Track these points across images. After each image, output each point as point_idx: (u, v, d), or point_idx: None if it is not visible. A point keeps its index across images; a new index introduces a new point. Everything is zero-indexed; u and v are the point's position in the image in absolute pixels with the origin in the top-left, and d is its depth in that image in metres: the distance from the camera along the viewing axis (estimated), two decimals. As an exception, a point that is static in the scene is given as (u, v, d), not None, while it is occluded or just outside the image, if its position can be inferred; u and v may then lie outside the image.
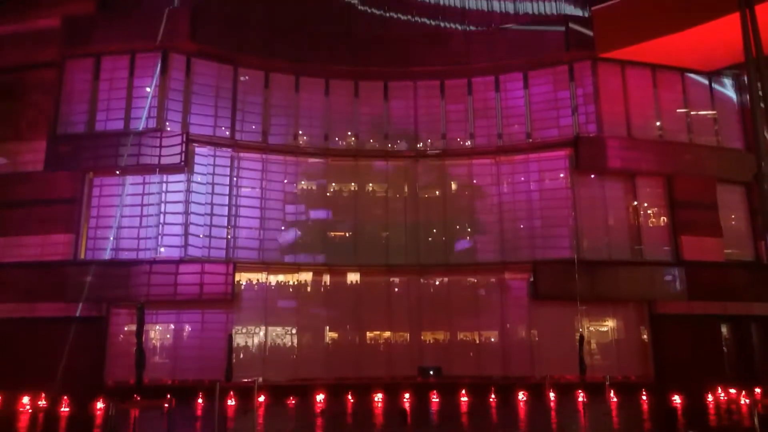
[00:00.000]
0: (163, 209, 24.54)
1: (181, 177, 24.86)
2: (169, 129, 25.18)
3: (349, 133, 27.89)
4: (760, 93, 15.26)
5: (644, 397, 20.24)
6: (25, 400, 18.92)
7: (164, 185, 24.73)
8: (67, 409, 18.03)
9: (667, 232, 26.01)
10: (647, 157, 25.98)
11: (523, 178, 27.36)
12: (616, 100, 26.68)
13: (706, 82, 28.03)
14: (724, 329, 25.54)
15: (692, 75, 27.73)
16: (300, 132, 27.38)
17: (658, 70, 27.28)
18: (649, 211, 26.57)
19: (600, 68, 26.71)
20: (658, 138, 26.79)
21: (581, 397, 19.62)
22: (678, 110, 27.38)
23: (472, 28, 28.73)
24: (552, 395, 19.16)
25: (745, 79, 23.46)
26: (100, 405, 18.19)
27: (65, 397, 18.32)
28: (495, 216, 26.91)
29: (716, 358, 24.52)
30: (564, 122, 26.94)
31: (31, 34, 25.43)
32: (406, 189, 27.69)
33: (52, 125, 24.88)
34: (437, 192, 27.86)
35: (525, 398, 20.56)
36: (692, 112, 27.58)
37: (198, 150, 25.35)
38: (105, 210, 24.76)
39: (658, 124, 27.01)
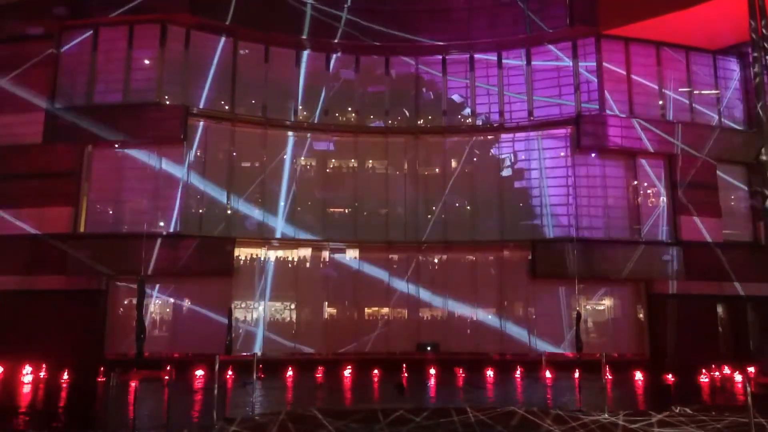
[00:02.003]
0: (162, 183, 24.48)
1: (180, 150, 24.76)
2: (168, 102, 25.00)
3: (350, 108, 27.70)
4: (766, 71, 15.18)
5: (639, 375, 20.48)
6: (27, 371, 19.09)
7: (163, 158, 24.61)
8: (68, 381, 18.22)
9: (666, 212, 26.01)
10: (648, 136, 25.84)
11: (523, 156, 27.28)
12: (619, 78, 26.45)
13: (710, 60, 27.77)
14: (720, 309, 25.70)
15: (696, 53, 27.46)
16: (300, 107, 27.19)
17: (663, 48, 27.02)
18: (648, 191, 26.53)
19: (603, 45, 26.39)
20: (660, 117, 26.63)
21: (577, 373, 19.87)
22: (681, 89, 27.16)
23: (475, 2, 28.29)
24: (548, 372, 19.38)
25: (750, 57, 23.32)
26: (100, 377, 18.38)
27: (66, 369, 18.49)
28: (495, 194, 26.89)
29: (711, 338, 24.72)
30: (566, 100, 26.76)
31: (27, 5, 25.06)
32: (405, 166, 27.61)
33: (50, 97, 24.69)
34: (437, 169, 27.79)
35: (521, 374, 20.78)
36: (695, 91, 27.37)
37: (197, 123, 25.19)
38: (104, 183, 24.71)
39: (660, 102, 26.83)
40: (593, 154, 26.24)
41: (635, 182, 26.24)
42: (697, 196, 25.68)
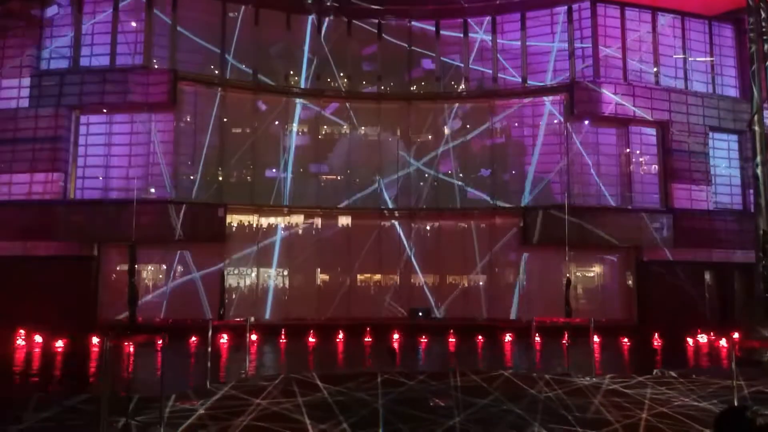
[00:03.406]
0: (152, 149, 24.25)
1: (169, 116, 24.47)
2: (156, 66, 24.58)
3: (342, 74, 27.34)
4: (761, 38, 15.05)
5: (626, 340, 20.85)
6: (21, 336, 19.18)
7: (152, 124, 24.33)
8: (62, 346, 18.34)
9: (658, 180, 26.13)
10: (642, 104, 25.75)
11: (516, 123, 27.16)
12: (614, 45, 26.23)
13: (705, 26, 27.52)
14: (707, 276, 26.06)
15: (692, 19, 27.19)
16: (291, 72, 26.81)
17: (658, 14, 26.72)
18: (641, 159, 26.57)
19: (599, 10, 26.11)
20: (654, 84, 26.49)
21: (565, 338, 20.18)
22: (675, 56, 26.97)
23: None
24: (537, 337, 19.67)
25: (746, 24, 23.08)
26: (94, 341, 18.49)
27: (59, 334, 18.58)
28: (487, 161, 26.86)
29: (698, 304, 25.13)
30: (560, 66, 26.54)
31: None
32: (398, 132, 27.45)
33: (36, 61, 24.22)
34: (430, 136, 27.64)
35: (511, 339, 21.10)
36: (689, 59, 27.20)
37: (186, 88, 24.80)
38: (93, 149, 24.45)
39: (654, 69, 26.66)
40: (587, 122, 26.17)
41: (628, 150, 26.25)
42: (689, 164, 25.79)
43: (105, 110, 24.28)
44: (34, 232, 22.79)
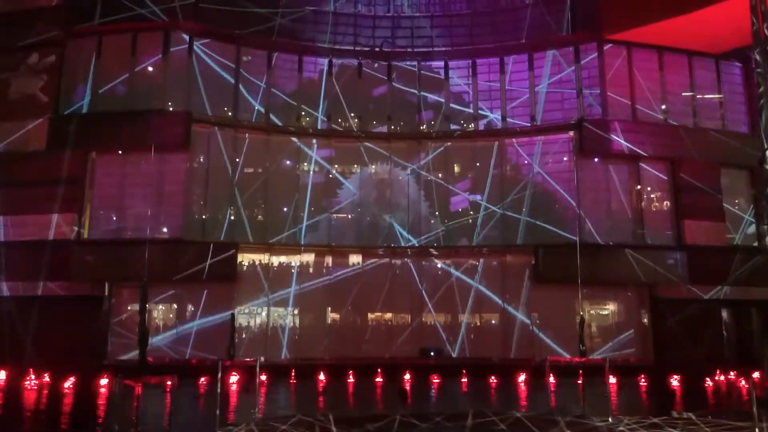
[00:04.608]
0: (165, 189, 24.54)
1: (183, 156, 24.86)
2: (171, 108, 25.10)
3: (352, 114, 27.75)
4: None
5: (642, 380, 20.38)
6: (31, 376, 19.12)
7: (166, 164, 24.69)
8: (71, 386, 18.24)
9: (670, 216, 25.97)
10: (652, 141, 25.81)
11: (526, 161, 27.28)
12: (622, 83, 26.47)
13: (713, 64, 27.76)
14: (724, 313, 25.58)
15: (699, 57, 27.45)
16: (302, 113, 27.26)
17: (665, 53, 27.02)
18: (652, 195, 26.49)
19: (606, 50, 26.47)
20: (663, 121, 26.61)
21: (580, 379, 19.77)
22: (684, 93, 27.15)
23: (478, 8, 28.36)
24: (551, 377, 19.30)
25: (753, 61, 23.24)
26: (103, 382, 18.39)
27: (69, 375, 18.51)
28: (498, 198, 26.88)
29: (716, 342, 24.60)
30: (568, 105, 26.80)
31: (32, 13, 25.23)
32: (409, 171, 27.64)
33: (54, 105, 24.82)
34: (440, 174, 27.78)
35: (525, 379, 20.70)
36: (698, 96, 27.36)
37: (199, 130, 25.24)
38: (107, 189, 24.79)
39: (663, 107, 26.81)
40: (596, 159, 26.22)
41: (638, 186, 26.20)
42: (701, 200, 25.62)
43: (120, 152, 24.70)
44: (47, 272, 22.91)
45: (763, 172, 20.08)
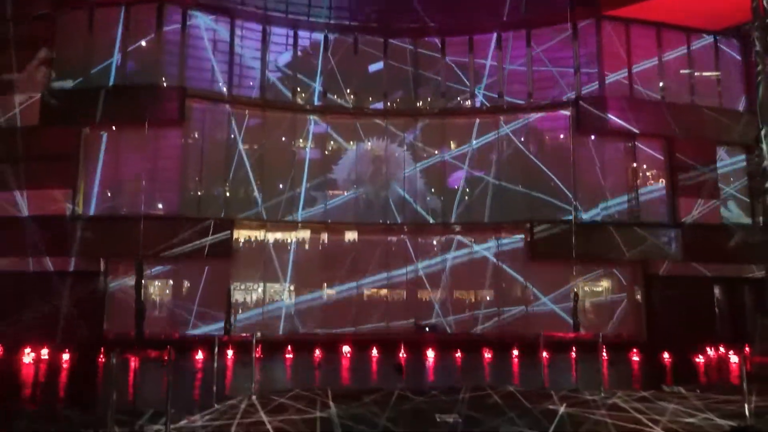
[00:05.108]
0: (160, 164, 24.43)
1: (178, 132, 24.70)
2: (165, 84, 24.87)
3: (348, 90, 27.58)
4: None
5: (635, 355, 20.64)
6: (27, 351, 19.23)
7: (161, 140, 24.54)
8: (69, 361, 18.36)
9: (665, 194, 26.04)
10: (648, 119, 25.75)
11: (522, 139, 27.22)
12: (619, 60, 26.32)
13: (711, 41, 27.60)
14: (717, 290, 25.82)
15: (698, 34, 27.28)
16: (298, 89, 27.08)
17: (663, 30, 26.84)
18: (648, 173, 26.52)
19: (604, 27, 26.26)
20: (660, 99, 26.53)
21: (573, 353, 20.03)
22: (681, 71, 27.03)
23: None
24: (545, 352, 19.51)
25: (752, 38, 23.09)
26: (100, 357, 18.52)
27: (66, 350, 18.62)
28: (494, 176, 26.88)
29: (708, 319, 24.87)
30: (566, 82, 26.67)
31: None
32: (405, 148, 27.57)
33: (47, 80, 24.53)
34: (436, 151, 27.74)
35: (519, 354, 20.94)
36: (696, 73, 27.25)
37: (195, 105, 25.07)
38: (102, 165, 24.63)
39: (660, 84, 26.71)
40: (593, 136, 26.19)
41: (634, 164, 26.22)
42: (696, 178, 25.68)
43: (114, 127, 24.50)
44: (42, 248, 22.89)
45: (758, 149, 20.15)
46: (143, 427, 9.64)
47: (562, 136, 26.59)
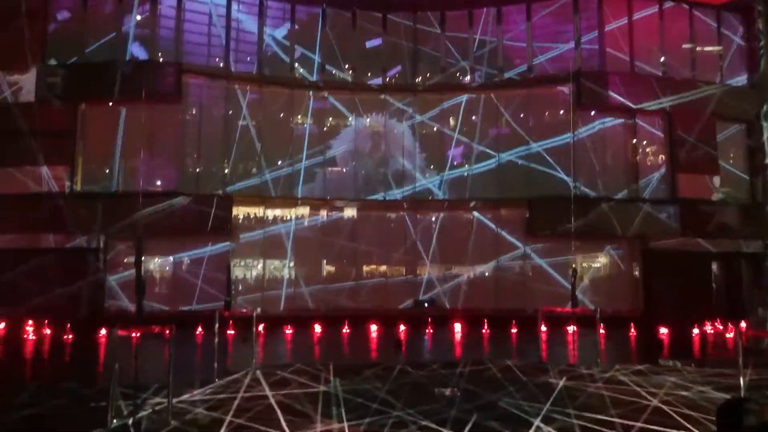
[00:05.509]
0: (157, 141, 24.31)
1: (175, 108, 24.51)
2: (161, 59, 24.60)
3: (347, 65, 27.31)
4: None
5: (633, 330, 20.84)
6: (29, 328, 19.36)
7: (158, 116, 24.35)
8: (70, 337, 18.50)
9: (665, 170, 26.00)
10: (649, 94, 25.57)
11: (522, 114, 27.05)
12: (621, 34, 26.04)
13: (713, 15, 27.27)
14: (714, 266, 25.95)
15: (700, 8, 26.96)
16: (297, 65, 26.82)
17: (665, 3, 26.51)
18: (647, 149, 26.44)
19: (605, 0, 25.94)
20: (660, 74, 26.31)
21: (572, 328, 20.22)
22: (683, 45, 26.76)
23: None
24: (543, 327, 19.68)
25: (755, 11, 22.92)
26: (101, 332, 18.65)
27: (66, 326, 18.74)
28: (493, 151, 26.79)
29: (705, 294, 25.03)
30: (566, 56, 26.41)
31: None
32: (404, 123, 27.43)
33: (41, 55, 24.24)
34: (435, 128, 27.60)
35: (517, 329, 21.12)
36: (697, 48, 26.99)
37: (192, 81, 24.84)
38: (99, 141, 24.50)
39: (662, 59, 26.46)
40: (593, 112, 26.04)
41: (634, 139, 26.13)
42: (696, 154, 25.61)
43: (110, 104, 24.30)
44: (41, 225, 22.90)
45: (760, 125, 20.11)
46: (147, 401, 9.75)
47: (562, 111, 26.41)
